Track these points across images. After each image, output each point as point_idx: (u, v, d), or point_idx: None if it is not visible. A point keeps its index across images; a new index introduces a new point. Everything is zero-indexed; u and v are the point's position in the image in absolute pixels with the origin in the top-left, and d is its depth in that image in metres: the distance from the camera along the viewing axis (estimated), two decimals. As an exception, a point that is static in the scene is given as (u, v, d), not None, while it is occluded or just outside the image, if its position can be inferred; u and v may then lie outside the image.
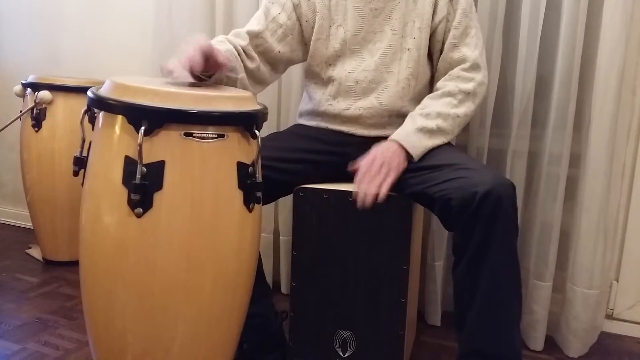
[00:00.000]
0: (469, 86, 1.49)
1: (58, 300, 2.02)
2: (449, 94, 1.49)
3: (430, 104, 1.49)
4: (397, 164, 1.41)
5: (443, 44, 1.56)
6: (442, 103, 1.48)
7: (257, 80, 1.58)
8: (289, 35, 1.58)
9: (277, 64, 1.62)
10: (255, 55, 1.55)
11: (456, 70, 1.53)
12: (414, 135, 1.44)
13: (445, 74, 1.55)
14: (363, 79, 1.55)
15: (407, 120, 1.48)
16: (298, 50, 1.62)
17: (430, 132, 1.44)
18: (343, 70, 1.57)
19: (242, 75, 1.50)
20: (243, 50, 1.52)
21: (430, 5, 1.53)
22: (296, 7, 1.58)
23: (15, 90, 2.28)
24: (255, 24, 1.57)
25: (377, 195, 1.35)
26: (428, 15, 1.53)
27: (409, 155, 1.43)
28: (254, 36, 1.54)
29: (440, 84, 1.53)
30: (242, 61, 1.51)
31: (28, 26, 2.70)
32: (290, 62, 1.66)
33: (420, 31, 1.53)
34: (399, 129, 1.47)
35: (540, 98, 1.81)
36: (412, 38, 1.54)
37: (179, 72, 1.21)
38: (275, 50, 1.57)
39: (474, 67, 1.51)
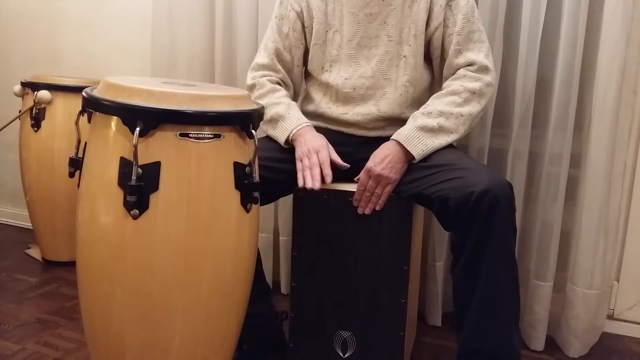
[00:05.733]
0: (475, 85, 1.47)
1: (58, 301, 2.02)
2: (453, 93, 1.47)
3: (433, 102, 1.48)
4: (396, 171, 1.42)
5: (443, 50, 1.54)
6: (446, 102, 1.46)
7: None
8: (300, 46, 1.62)
9: (298, 80, 1.69)
10: (290, 82, 1.65)
11: (462, 71, 1.50)
12: (414, 133, 1.43)
13: (451, 75, 1.52)
14: (360, 86, 1.55)
15: (409, 120, 1.47)
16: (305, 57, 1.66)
17: (431, 130, 1.43)
18: (339, 77, 1.57)
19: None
20: (283, 82, 1.64)
21: (424, 11, 1.51)
22: (300, 15, 1.60)
23: (14, 90, 2.27)
24: (271, 46, 1.63)
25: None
26: (422, 22, 1.51)
27: (409, 155, 1.42)
28: (279, 60, 1.63)
29: (446, 83, 1.52)
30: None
31: (27, 26, 2.70)
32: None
33: (416, 38, 1.52)
34: (401, 128, 1.46)
35: (541, 98, 1.80)
36: (407, 45, 1.53)
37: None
38: (295, 66, 1.65)
39: (482, 69, 1.49)
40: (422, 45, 1.53)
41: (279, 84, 1.62)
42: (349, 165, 1.48)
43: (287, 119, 1.52)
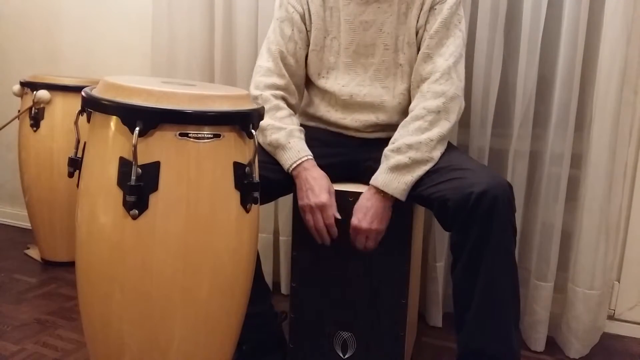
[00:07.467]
0: (438, 103, 1.41)
1: (57, 301, 2.02)
2: (417, 118, 1.42)
3: (400, 134, 1.43)
4: (381, 220, 1.41)
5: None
6: (412, 130, 1.41)
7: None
8: (305, 47, 1.58)
9: (302, 82, 1.63)
10: (293, 88, 1.58)
11: (425, 86, 1.45)
12: (389, 176, 1.39)
13: (417, 87, 1.48)
14: (357, 93, 1.53)
15: (382, 159, 1.43)
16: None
17: (405, 167, 1.39)
18: (336, 84, 1.55)
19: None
20: (287, 91, 1.56)
21: (415, 18, 1.49)
22: (302, 17, 1.57)
23: (13, 90, 2.27)
24: (275, 50, 1.56)
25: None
26: (413, 29, 1.49)
27: (392, 197, 1.40)
28: (284, 64, 1.56)
29: (412, 105, 1.47)
30: (291, 107, 1.57)
31: (26, 25, 2.70)
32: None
33: (410, 46, 1.50)
34: (376, 172, 1.42)
35: (541, 98, 1.80)
36: (403, 53, 1.51)
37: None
38: (300, 69, 1.59)
39: (445, 77, 1.43)
40: (416, 53, 1.50)
41: (283, 97, 1.55)
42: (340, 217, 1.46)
43: (287, 149, 1.47)
